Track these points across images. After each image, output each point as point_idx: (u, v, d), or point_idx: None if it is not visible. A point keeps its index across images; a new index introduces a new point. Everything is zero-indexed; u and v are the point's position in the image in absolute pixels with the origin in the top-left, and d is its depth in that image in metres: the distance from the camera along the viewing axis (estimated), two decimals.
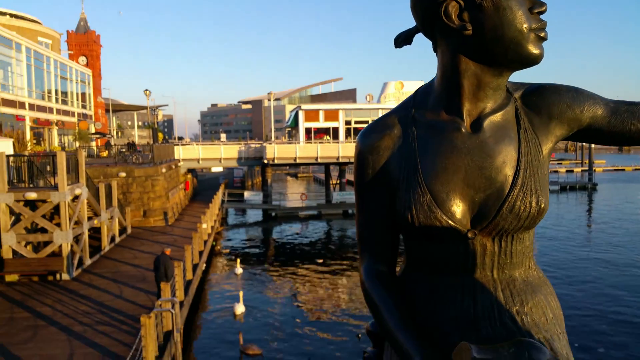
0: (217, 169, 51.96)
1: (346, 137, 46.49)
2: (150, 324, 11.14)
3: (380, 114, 46.11)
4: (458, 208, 1.45)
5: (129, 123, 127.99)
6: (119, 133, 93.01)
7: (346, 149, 42.59)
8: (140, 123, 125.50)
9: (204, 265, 24.27)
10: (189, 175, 44.01)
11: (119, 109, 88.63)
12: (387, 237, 1.61)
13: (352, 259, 28.50)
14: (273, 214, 43.24)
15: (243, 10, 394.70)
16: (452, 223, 1.44)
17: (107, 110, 72.95)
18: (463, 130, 1.49)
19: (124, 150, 33.79)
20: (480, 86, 1.46)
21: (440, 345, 1.41)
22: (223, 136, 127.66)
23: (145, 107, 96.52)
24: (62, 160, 17.58)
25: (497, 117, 1.50)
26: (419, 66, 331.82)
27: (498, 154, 1.47)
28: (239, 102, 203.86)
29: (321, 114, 46.41)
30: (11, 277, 18.62)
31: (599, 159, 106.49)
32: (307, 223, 41.42)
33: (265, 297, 22.72)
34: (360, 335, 17.08)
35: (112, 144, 36.05)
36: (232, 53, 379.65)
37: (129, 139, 64.81)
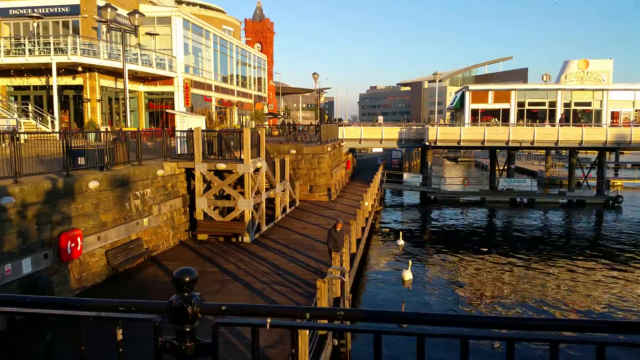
0: (377, 149, 52.72)
1: (517, 120, 43.55)
2: (324, 288, 11.99)
3: (560, 95, 43.11)
4: None
5: (294, 105, 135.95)
6: (285, 114, 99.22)
7: (517, 133, 39.49)
8: (304, 105, 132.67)
9: (365, 240, 25.10)
10: (350, 155, 45.45)
11: (286, 92, 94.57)
12: None
13: (517, 252, 26.79)
14: (432, 197, 42.63)
15: None
16: None
17: (277, 93, 78.36)
18: None
19: (292, 130, 36.14)
20: None
21: None
22: (380, 118, 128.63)
23: (309, 90, 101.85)
24: (247, 137, 19.54)
25: None
26: (603, 42, 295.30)
27: None
28: (397, 84, 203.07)
29: (490, 95, 44.12)
30: (202, 236, 21.36)
31: None
32: (468, 209, 40.08)
33: (429, 272, 23.16)
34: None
35: (286, 123, 38.72)
36: (392, 34, 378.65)
37: (293, 120, 68.94)
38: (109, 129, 23.78)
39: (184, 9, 39.48)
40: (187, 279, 2.07)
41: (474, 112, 44.49)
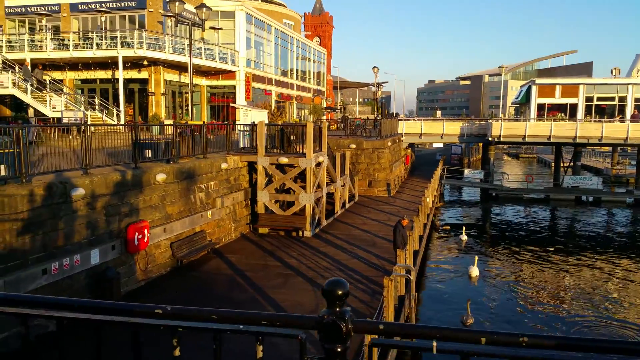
0: (438, 144, 51.53)
1: (585, 116, 41.39)
2: (391, 286, 11.62)
3: (631, 90, 40.62)
4: None
5: (350, 99, 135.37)
6: (342, 108, 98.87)
7: (585, 129, 38.00)
8: (360, 99, 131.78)
9: (426, 237, 24.49)
10: (409, 150, 44.56)
11: (343, 86, 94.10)
12: None
13: (582, 253, 25.70)
14: (494, 193, 41.26)
15: None
16: None
17: (334, 87, 78.08)
18: None
19: (350, 124, 35.81)
20: None
21: None
22: (438, 113, 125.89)
23: (367, 85, 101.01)
24: (310, 130, 19.37)
25: None
26: None
27: None
28: (456, 78, 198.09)
29: (557, 89, 42.12)
30: (263, 230, 21.42)
31: None
32: (531, 207, 38.60)
33: (493, 269, 22.70)
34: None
35: (347, 117, 38.40)
36: (452, 27, 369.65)
37: (349, 114, 68.52)
38: (172, 122, 24.29)
39: (247, 3, 39.85)
40: (340, 292, 1.86)
41: (540, 107, 42.62)
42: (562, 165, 45.96)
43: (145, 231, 14.21)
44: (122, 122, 28.87)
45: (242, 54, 35.93)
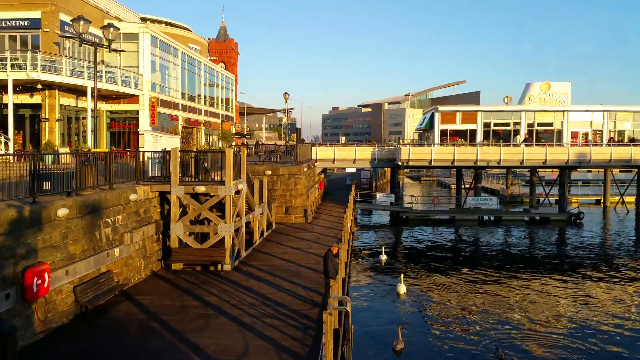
0: (351, 169, 52.39)
1: (483, 140, 44.20)
2: (331, 321, 10.87)
3: (524, 116, 44.07)
4: None
5: (257, 125, 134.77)
6: (249, 134, 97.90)
7: (485, 153, 40.69)
8: (266, 125, 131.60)
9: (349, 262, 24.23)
10: (322, 175, 44.64)
11: (250, 112, 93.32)
12: None
13: (492, 268, 27.33)
14: (404, 216, 42.44)
15: (364, 18, 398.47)
16: None
17: (241, 113, 77.03)
18: None
19: (266, 150, 35.12)
20: None
21: None
22: (342, 139, 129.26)
23: (273, 111, 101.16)
24: (229, 157, 18.29)
25: None
26: (545, 70, 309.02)
27: None
28: (359, 105, 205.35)
29: (458, 116, 44.68)
30: (176, 266, 19.76)
31: None
32: (438, 228, 40.20)
33: (415, 286, 23.63)
34: (499, 352, 15.86)
35: (261, 144, 37.59)
36: (354, 58, 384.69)
37: (257, 140, 67.85)
38: (69, 150, 22.01)
39: (152, 26, 38.01)
40: None
41: (443, 133, 44.86)
42: (463, 187, 48.69)
43: (46, 275, 12.29)
44: (10, 150, 25.79)
45: (146, 78, 34.01)
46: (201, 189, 18.80)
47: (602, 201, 53.18)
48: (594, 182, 66.92)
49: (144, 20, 46.26)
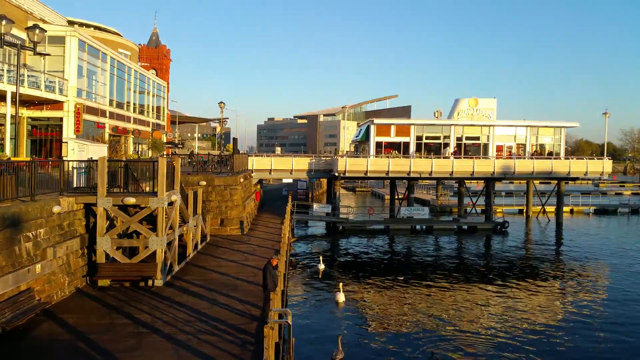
0: (287, 180, 52.13)
1: (416, 152, 45.50)
2: (272, 335, 10.59)
3: (453, 130, 45.81)
4: None
5: (189, 134, 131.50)
6: (181, 143, 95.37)
7: (418, 165, 41.99)
8: (199, 135, 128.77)
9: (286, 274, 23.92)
10: (258, 186, 44.09)
11: (183, 120, 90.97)
12: None
13: (420, 278, 27.88)
14: (340, 227, 42.72)
15: (298, 31, 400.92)
16: None
17: (173, 122, 74.88)
18: None
19: (199, 159, 34.19)
20: None
21: None
22: (278, 149, 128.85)
23: (206, 120, 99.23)
24: (162, 167, 17.52)
25: None
26: (473, 84, 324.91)
27: None
28: (294, 116, 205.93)
29: (392, 129, 45.65)
30: (103, 282, 18.64)
31: None
32: (373, 237, 40.83)
33: (355, 294, 23.96)
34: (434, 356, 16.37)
35: (195, 153, 36.50)
36: (289, 69, 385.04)
37: (191, 150, 66.24)
38: None
39: (80, 30, 36.12)
40: None
41: (378, 145, 45.70)
42: (396, 197, 49.88)
43: None
44: None
45: (72, 83, 32.19)
46: (131, 200, 17.88)
47: (524, 211, 56.22)
48: (517, 192, 70.85)
49: (71, 23, 43.99)
